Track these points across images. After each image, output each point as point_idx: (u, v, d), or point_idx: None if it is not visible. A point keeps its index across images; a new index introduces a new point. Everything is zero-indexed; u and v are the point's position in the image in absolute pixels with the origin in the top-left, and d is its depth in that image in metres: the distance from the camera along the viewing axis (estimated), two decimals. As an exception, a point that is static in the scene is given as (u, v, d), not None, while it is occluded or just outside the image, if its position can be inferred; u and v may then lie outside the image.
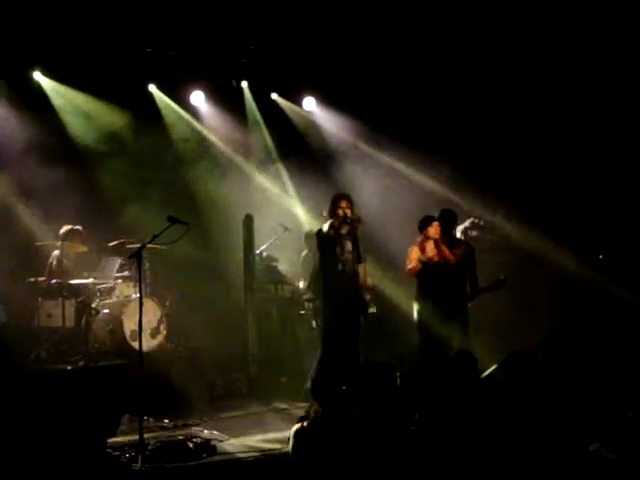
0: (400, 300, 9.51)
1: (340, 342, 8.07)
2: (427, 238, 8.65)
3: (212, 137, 11.38)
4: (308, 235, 9.87)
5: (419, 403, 6.19)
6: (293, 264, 10.59)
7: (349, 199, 8.39)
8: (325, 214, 8.45)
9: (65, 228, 9.64)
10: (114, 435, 5.40)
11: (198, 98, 11.11)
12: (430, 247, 8.63)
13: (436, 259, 8.60)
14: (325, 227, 8.30)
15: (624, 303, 9.76)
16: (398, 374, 7.03)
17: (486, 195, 10.37)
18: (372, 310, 9.08)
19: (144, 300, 7.64)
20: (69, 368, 8.70)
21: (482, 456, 5.04)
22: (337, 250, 8.29)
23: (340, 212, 8.26)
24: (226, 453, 6.72)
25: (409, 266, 8.66)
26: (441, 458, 5.04)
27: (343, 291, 8.23)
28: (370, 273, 9.11)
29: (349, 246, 8.31)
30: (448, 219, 8.83)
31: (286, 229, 10.45)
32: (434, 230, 8.63)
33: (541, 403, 5.39)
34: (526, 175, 10.67)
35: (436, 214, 8.83)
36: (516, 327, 9.38)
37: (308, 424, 5.06)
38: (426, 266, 8.58)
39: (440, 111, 10.86)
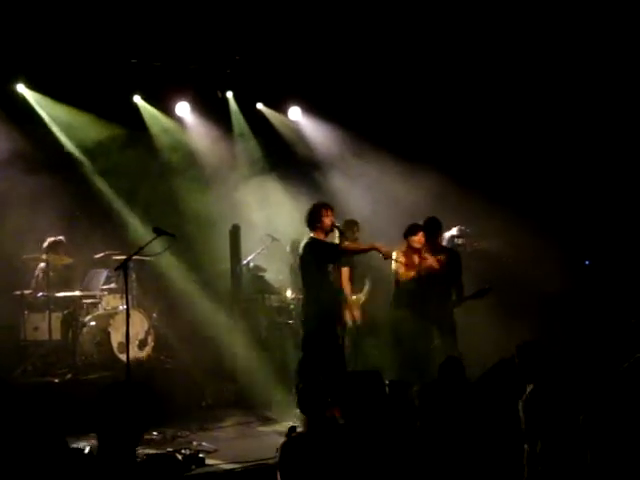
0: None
1: (323, 353, 7.94)
2: (410, 247, 8.68)
3: (198, 148, 11.36)
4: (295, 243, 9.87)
5: (408, 412, 6.18)
6: (281, 274, 10.57)
7: (331, 208, 8.33)
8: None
9: (48, 240, 9.61)
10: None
11: (183, 109, 11.09)
12: (413, 259, 8.65)
13: (415, 271, 8.62)
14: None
15: (609, 310, 9.81)
16: (387, 383, 7.05)
17: (474, 203, 10.38)
18: None
19: (131, 312, 7.62)
20: (56, 381, 8.66)
21: (471, 462, 5.04)
22: None
23: (328, 221, 8.16)
24: (215, 464, 6.69)
25: (404, 275, 8.66)
26: (432, 465, 5.03)
27: (333, 302, 8.14)
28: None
29: None
30: (433, 227, 8.85)
31: (273, 239, 10.44)
32: (418, 240, 8.65)
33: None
34: (513, 181, 10.71)
35: (422, 222, 8.85)
36: (503, 334, 9.36)
37: (295, 436, 5.04)
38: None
39: (426, 119, 10.90)
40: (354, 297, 9.24)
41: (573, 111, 10.49)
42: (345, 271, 8.65)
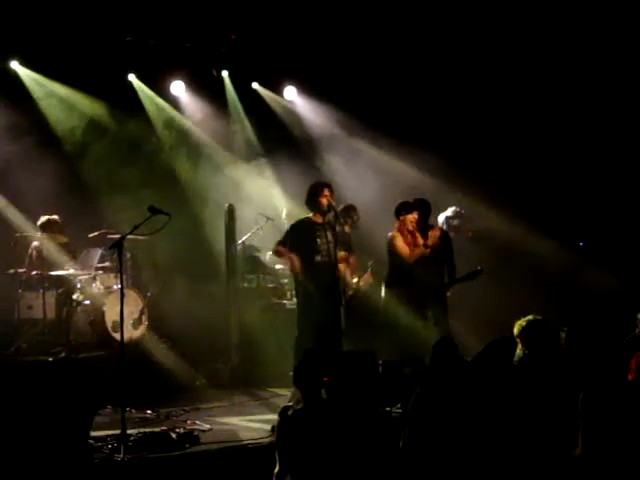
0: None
1: (317, 333, 7.94)
2: (403, 226, 8.63)
3: (193, 127, 11.32)
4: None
5: (401, 391, 6.22)
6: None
7: (330, 187, 8.29)
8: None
9: (43, 218, 9.58)
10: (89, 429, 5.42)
11: (178, 88, 11.05)
12: (406, 238, 8.62)
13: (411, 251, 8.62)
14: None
15: (604, 290, 9.84)
16: (380, 363, 7.08)
17: (470, 184, 10.38)
18: None
19: (125, 291, 7.61)
20: (50, 360, 8.65)
21: (464, 442, 5.06)
22: (317, 240, 8.15)
23: (324, 200, 8.10)
24: (209, 443, 6.69)
25: (409, 253, 8.58)
26: (424, 446, 5.05)
27: (321, 282, 8.06)
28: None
29: (330, 236, 8.15)
30: (422, 209, 8.78)
31: (268, 219, 10.44)
32: (411, 219, 8.59)
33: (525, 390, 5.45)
34: (509, 162, 10.71)
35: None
36: (499, 315, 9.38)
37: (291, 413, 5.05)
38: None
39: (422, 99, 10.87)
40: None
41: (566, 94, 10.49)
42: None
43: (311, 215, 8.16)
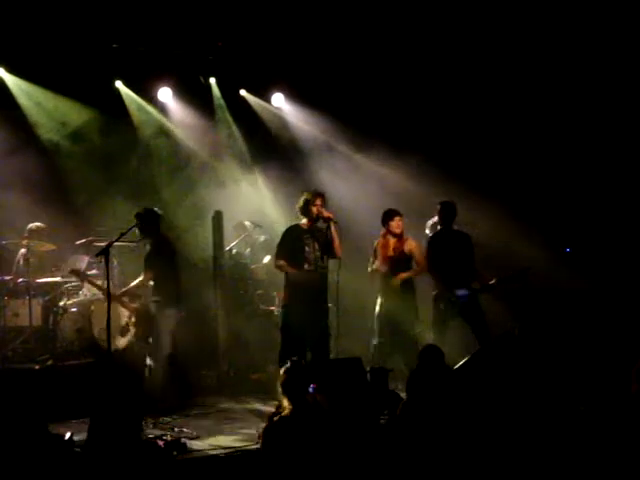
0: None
1: (302, 340, 7.92)
2: (390, 233, 8.75)
3: (180, 133, 11.31)
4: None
5: (389, 398, 6.22)
6: (263, 261, 10.56)
7: (323, 197, 8.24)
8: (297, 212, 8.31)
9: (30, 226, 9.56)
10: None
11: (166, 94, 11.05)
12: (392, 243, 8.72)
13: (396, 254, 8.71)
14: None
15: (591, 296, 9.89)
16: (368, 369, 7.09)
17: (458, 190, 10.40)
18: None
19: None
20: (37, 367, 8.62)
21: (453, 447, 5.08)
22: (306, 248, 8.12)
23: (314, 210, 8.12)
24: (197, 450, 6.69)
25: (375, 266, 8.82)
26: (412, 452, 5.06)
27: (308, 291, 8.04)
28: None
29: (317, 244, 8.13)
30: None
31: (256, 226, 10.44)
32: (395, 224, 8.73)
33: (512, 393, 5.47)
34: (497, 168, 10.74)
35: (401, 209, 8.91)
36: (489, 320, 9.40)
37: (278, 420, 5.06)
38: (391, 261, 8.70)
39: (412, 105, 10.89)
40: None
41: (555, 99, 10.54)
42: None
43: (300, 222, 8.20)
